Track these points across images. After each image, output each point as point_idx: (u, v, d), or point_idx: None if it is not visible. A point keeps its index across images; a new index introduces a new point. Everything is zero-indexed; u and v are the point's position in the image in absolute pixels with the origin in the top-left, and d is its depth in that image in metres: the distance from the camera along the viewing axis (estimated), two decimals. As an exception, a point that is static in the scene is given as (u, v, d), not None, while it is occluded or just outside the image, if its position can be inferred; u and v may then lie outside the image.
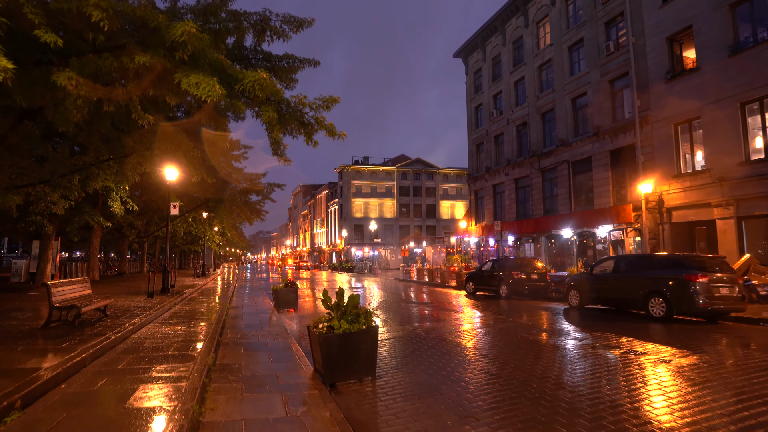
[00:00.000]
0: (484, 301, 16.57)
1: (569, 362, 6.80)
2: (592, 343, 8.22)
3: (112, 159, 10.53)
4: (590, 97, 23.08)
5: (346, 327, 6.06)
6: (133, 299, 13.19)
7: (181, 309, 11.97)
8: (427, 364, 6.85)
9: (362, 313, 6.37)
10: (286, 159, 6.54)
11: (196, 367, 5.64)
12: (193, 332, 8.38)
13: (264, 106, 5.48)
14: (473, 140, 34.39)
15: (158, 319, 9.84)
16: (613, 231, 21.38)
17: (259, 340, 8.40)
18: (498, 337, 8.85)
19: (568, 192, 24.34)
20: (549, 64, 26.55)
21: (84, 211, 15.71)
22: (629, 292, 11.85)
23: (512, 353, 7.38)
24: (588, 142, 22.99)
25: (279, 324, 10.46)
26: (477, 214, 33.85)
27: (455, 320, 11.57)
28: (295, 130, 6.17)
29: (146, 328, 8.57)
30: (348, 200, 66.91)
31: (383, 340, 8.62)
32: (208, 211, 26.99)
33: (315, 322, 6.43)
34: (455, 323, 10.97)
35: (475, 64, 34.45)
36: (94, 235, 19.74)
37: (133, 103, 6.19)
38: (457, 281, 24.70)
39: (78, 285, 8.50)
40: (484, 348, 7.88)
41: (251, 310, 13.00)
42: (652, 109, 19.52)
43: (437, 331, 9.68)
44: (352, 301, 6.42)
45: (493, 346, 7.99)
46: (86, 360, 5.63)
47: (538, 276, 17.52)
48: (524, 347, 7.87)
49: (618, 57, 21.45)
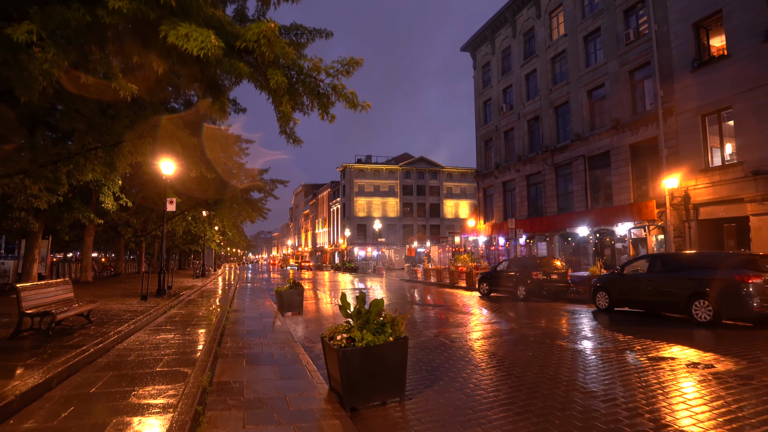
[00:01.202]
0: (502, 303, 15.51)
1: (630, 379, 5.74)
2: (650, 355, 7.15)
3: (99, 148, 9.50)
4: (608, 88, 22.01)
5: (370, 339, 5.02)
6: (125, 302, 12.16)
7: (176, 313, 10.93)
8: (461, 379, 5.81)
9: (388, 322, 5.33)
10: (296, 139, 5.50)
11: (188, 390, 4.60)
12: (188, 341, 7.34)
13: (271, 69, 4.46)
14: (482, 136, 33.33)
15: (150, 326, 8.80)
16: (633, 229, 20.31)
17: (263, 349, 7.36)
18: (533, 347, 7.79)
19: (584, 188, 23.26)
20: (563, 56, 25.48)
21: (73, 207, 14.68)
22: (668, 294, 10.78)
23: (557, 367, 6.32)
24: (606, 135, 21.91)
25: (284, 330, 9.42)
26: (486, 212, 32.78)
27: (478, 325, 10.51)
28: (308, 102, 5.13)
29: (135, 337, 7.53)
30: (351, 199, 65.85)
31: (404, 350, 7.56)
32: (208, 209, 25.97)
33: (331, 332, 5.39)
34: (479, 329, 9.92)
35: (483, 58, 33.39)
36: (87, 233, 18.71)
37: (112, 71, 5.15)
38: (467, 282, 23.66)
39: (56, 288, 7.47)
40: (522, 360, 6.83)
41: (253, 314, 11.96)
42: (676, 100, 18.45)
43: (462, 339, 8.62)
44: (376, 306, 5.38)
45: (533, 358, 6.93)
46: (52, 381, 4.59)
47: (558, 276, 16.45)
48: (568, 359, 6.82)
49: (638, 46, 20.38)
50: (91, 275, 19.41)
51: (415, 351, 7.50)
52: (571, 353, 7.24)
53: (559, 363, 6.56)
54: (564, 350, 7.46)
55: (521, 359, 6.84)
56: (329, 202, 77.87)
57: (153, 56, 5.17)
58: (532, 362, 6.64)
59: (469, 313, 13.02)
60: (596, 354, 7.20)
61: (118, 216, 18.60)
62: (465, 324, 10.72)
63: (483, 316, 12.30)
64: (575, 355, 7.14)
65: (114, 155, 9.64)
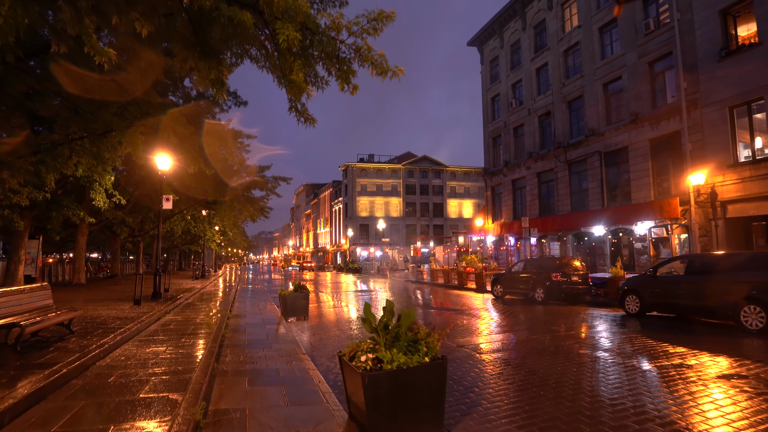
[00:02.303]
0: (519, 306, 14.54)
1: (716, 405, 4.78)
2: (710, 372, 6.18)
3: (85, 137, 8.56)
4: (626, 81, 21.03)
5: (401, 360, 4.07)
6: (116, 307, 11.20)
7: (171, 320, 9.98)
8: (502, 404, 4.85)
9: (422, 338, 4.37)
10: (309, 117, 4.57)
11: (177, 428, 3.64)
12: (182, 355, 6.39)
13: (280, 23, 3.52)
14: (489, 133, 32.35)
15: (140, 336, 7.85)
16: (654, 228, 19.33)
17: (268, 364, 6.41)
18: (576, 362, 6.82)
19: (599, 186, 22.28)
20: (576, 48, 24.50)
21: (63, 205, 13.74)
22: (712, 299, 9.80)
23: (612, 388, 5.36)
24: (624, 130, 20.93)
25: (289, 338, 8.48)
26: (494, 211, 31.80)
27: (503, 333, 9.55)
28: (324, 69, 4.20)
29: (121, 350, 6.57)
30: (353, 199, 64.88)
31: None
32: (208, 208, 25.03)
33: (352, 350, 4.43)
34: (505, 338, 8.95)
35: (491, 53, 32.42)
36: (80, 233, 17.77)
37: (86, 31, 4.21)
38: (476, 283, 22.71)
39: (31, 294, 6.53)
40: (570, 378, 5.86)
41: (255, 320, 11.01)
42: (701, 92, 17.47)
43: (492, 351, 7.66)
44: (407, 319, 4.43)
45: (580, 376, 5.97)
46: (4, 417, 3.64)
47: (578, 278, 15.47)
48: (620, 379, 5.85)
49: (659, 36, 19.41)
50: (85, 277, 18.47)
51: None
52: (622, 371, 6.27)
53: (613, 384, 5.60)
54: (611, 366, 6.49)
55: (567, 377, 5.87)
56: (331, 202, 76.92)
57: (135, 15, 4.22)
58: (581, 381, 5.67)
59: (487, 318, 12.06)
60: (657, 373, 6.22)
61: (113, 215, 17.66)
62: (487, 331, 9.76)
63: (505, 321, 11.33)
64: (628, 373, 6.17)
65: (102, 146, 8.68)
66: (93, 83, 7.66)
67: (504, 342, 8.47)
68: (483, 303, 15.82)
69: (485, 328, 10.32)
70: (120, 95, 8.91)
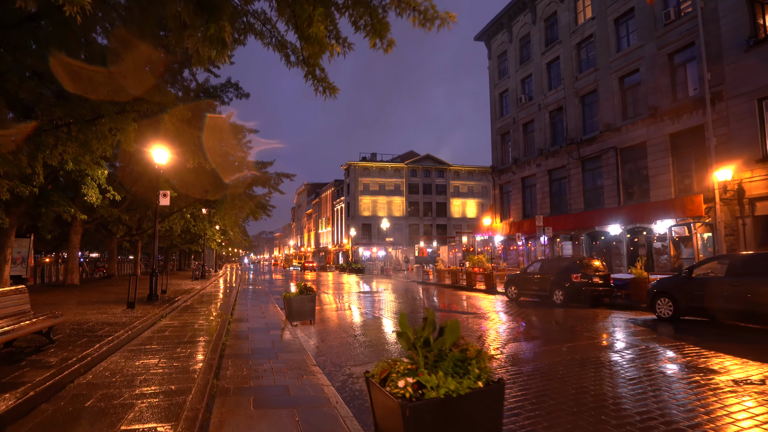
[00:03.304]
0: (538, 309, 13.68)
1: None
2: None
3: (71, 123, 7.71)
4: (644, 74, 20.16)
5: (451, 387, 3.21)
6: (108, 311, 10.35)
7: (167, 325, 9.13)
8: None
9: (473, 356, 3.51)
10: (330, 85, 3.74)
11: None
12: (176, 370, 5.54)
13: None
14: (497, 130, 31.48)
15: (131, 344, 6.99)
16: (675, 227, 18.46)
17: (276, 379, 5.57)
18: (626, 376, 5.96)
19: (615, 183, 21.41)
20: (590, 41, 23.63)
21: (52, 201, 12.89)
22: (763, 303, 8.93)
23: (689, 414, 4.50)
24: (641, 125, 20.06)
25: (297, 346, 7.63)
26: (502, 210, 30.94)
27: (533, 341, 8.68)
28: (351, 22, 3.37)
29: (106, 364, 5.72)
30: (355, 198, 64.02)
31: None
32: (208, 206, 24.19)
33: (383, 370, 3.57)
34: (535, 346, 8.09)
35: (499, 47, 31.55)
36: (73, 231, 16.90)
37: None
38: (486, 284, 21.88)
39: (4, 299, 5.67)
40: (631, 400, 5.00)
41: (259, 324, 10.16)
42: (726, 83, 16.59)
43: (527, 362, 6.80)
44: (452, 333, 3.56)
45: (641, 397, 5.10)
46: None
47: (600, 279, 14.61)
48: (689, 396, 5.00)
49: (680, 26, 18.54)
50: (78, 278, 17.61)
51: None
52: (683, 389, 5.41)
53: (676, 407, 4.74)
54: (675, 383, 5.63)
55: (625, 396, 5.01)
56: (333, 201, 76.06)
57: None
58: (649, 405, 4.81)
59: (507, 322, 11.20)
60: (726, 392, 5.36)
61: (108, 212, 16.80)
62: (514, 338, 8.90)
63: (528, 326, 10.47)
64: (692, 391, 5.31)
65: (90, 134, 7.82)
66: (79, 70, 6.82)
67: (536, 351, 7.61)
68: (497, 305, 14.97)
69: (510, 334, 9.47)
70: (110, 82, 8.04)
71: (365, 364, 6.93)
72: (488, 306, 14.89)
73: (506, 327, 10.53)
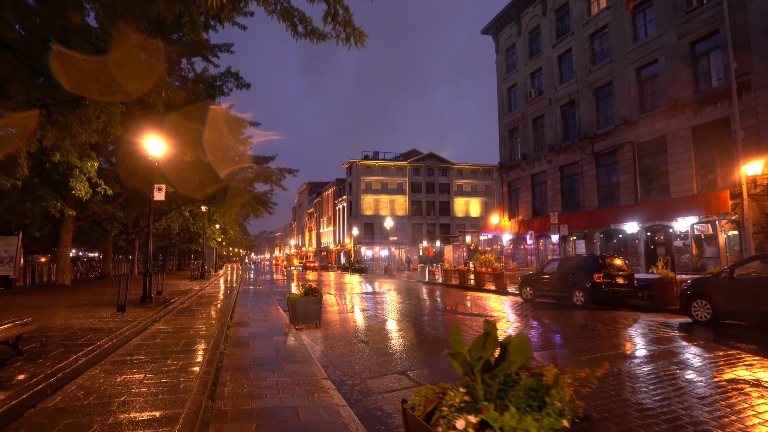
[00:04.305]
0: (558, 311, 12.79)
1: None
2: None
3: (50, 105, 6.84)
4: (663, 64, 19.26)
5: (531, 430, 2.33)
6: (95, 315, 9.46)
7: (159, 331, 8.25)
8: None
9: (551, 384, 2.62)
10: (356, 30, 2.90)
11: None
12: (165, 388, 4.66)
13: None
14: (505, 125, 30.58)
15: (115, 354, 6.12)
16: (697, 224, 17.55)
17: (282, 398, 4.69)
18: (693, 393, 5.08)
19: (632, 179, 20.51)
20: (604, 32, 22.73)
21: (38, 195, 12.01)
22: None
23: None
24: (661, 118, 19.15)
25: (304, 355, 6.75)
26: (511, 208, 30.04)
27: (562, 348, 7.79)
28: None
29: (81, 381, 4.84)
30: (357, 197, 63.13)
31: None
32: (207, 203, 23.32)
33: (428, 401, 2.69)
34: (569, 354, 7.19)
35: (507, 41, 30.65)
36: (64, 229, 16.00)
37: None
38: (496, 284, 21.00)
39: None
40: (730, 427, 4.11)
41: (260, 329, 9.28)
42: (754, 73, 15.70)
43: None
44: (520, 353, 2.66)
45: (743, 425, 4.22)
46: None
47: (623, 279, 13.73)
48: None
49: (702, 14, 17.63)
50: (70, 278, 16.73)
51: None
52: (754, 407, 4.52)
53: None
54: (761, 403, 4.74)
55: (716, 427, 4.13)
56: (335, 200, 75.19)
57: None
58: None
59: (532, 326, 10.31)
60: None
61: (102, 209, 15.91)
62: (544, 345, 8.01)
63: (559, 333, 9.58)
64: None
65: (71, 117, 6.94)
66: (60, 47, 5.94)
67: (575, 360, 6.72)
68: (513, 307, 14.08)
69: (538, 340, 8.58)
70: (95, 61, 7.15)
71: (382, 376, 6.08)
72: (503, 308, 14.00)
73: (530, 332, 9.64)
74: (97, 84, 6.89)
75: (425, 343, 8.44)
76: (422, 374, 6.17)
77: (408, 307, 14.50)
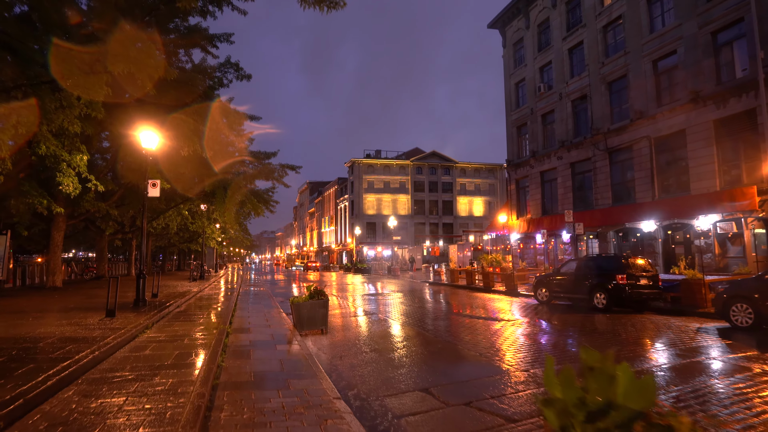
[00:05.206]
0: (579, 315, 11.97)
1: None
2: None
3: (25, 85, 6.04)
4: (682, 55, 18.42)
5: None
6: (81, 321, 8.65)
7: (150, 339, 7.44)
8: None
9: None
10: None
11: None
12: (148, 418, 3.85)
13: None
14: (513, 122, 29.75)
15: (95, 371, 5.30)
16: (720, 222, 16.71)
17: (290, 428, 3.88)
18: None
19: (649, 175, 19.67)
20: (618, 23, 21.89)
21: (23, 191, 11.21)
22: None
23: None
24: (680, 111, 18.32)
25: (311, 368, 5.93)
26: (519, 206, 29.20)
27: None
28: None
29: (47, 408, 4.03)
30: (359, 196, 62.29)
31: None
32: (206, 201, 22.53)
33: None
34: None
35: (515, 34, 29.81)
36: (54, 228, 15.19)
37: None
38: (506, 285, 20.17)
39: None
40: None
41: (262, 336, 8.47)
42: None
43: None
44: (639, 396, 1.83)
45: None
46: None
47: (648, 280, 12.90)
48: None
49: (725, 1, 16.79)
50: (61, 279, 15.93)
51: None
52: None
53: None
54: None
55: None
56: (336, 200, 74.38)
57: None
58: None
59: (555, 332, 9.50)
60: None
61: (95, 206, 15.13)
62: (575, 356, 7.19)
63: (588, 340, 8.75)
64: None
65: (49, 99, 6.14)
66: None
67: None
68: (529, 310, 13.25)
69: (565, 350, 7.76)
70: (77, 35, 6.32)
71: (402, 394, 5.28)
72: (518, 311, 13.18)
73: (553, 339, 8.82)
74: (78, 63, 6.09)
75: (443, 352, 7.64)
76: (447, 390, 5.37)
77: (417, 309, 13.69)
